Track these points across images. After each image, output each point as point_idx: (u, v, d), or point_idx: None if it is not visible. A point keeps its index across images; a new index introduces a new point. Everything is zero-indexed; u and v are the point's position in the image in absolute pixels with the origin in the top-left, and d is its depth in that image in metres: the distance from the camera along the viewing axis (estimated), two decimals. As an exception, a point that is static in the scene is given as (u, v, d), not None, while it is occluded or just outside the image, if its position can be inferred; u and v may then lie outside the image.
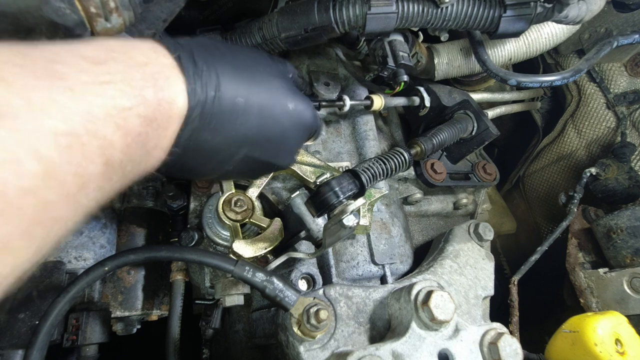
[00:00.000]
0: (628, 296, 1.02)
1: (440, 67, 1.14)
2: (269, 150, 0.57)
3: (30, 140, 0.28)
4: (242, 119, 0.50)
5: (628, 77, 1.33)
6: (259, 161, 0.57)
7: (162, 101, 0.41)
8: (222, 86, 0.48)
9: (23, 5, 0.46)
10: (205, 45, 0.51)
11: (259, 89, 0.52)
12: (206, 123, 0.47)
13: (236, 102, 0.49)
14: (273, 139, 0.56)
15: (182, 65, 0.45)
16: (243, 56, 0.55)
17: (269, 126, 0.54)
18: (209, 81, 0.46)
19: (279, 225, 0.83)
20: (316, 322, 0.66)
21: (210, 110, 0.47)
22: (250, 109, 0.51)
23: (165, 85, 0.42)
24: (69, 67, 0.33)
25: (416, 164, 1.06)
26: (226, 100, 0.48)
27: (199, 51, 0.48)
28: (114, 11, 0.52)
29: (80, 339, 0.85)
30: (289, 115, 0.56)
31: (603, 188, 1.24)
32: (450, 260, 0.93)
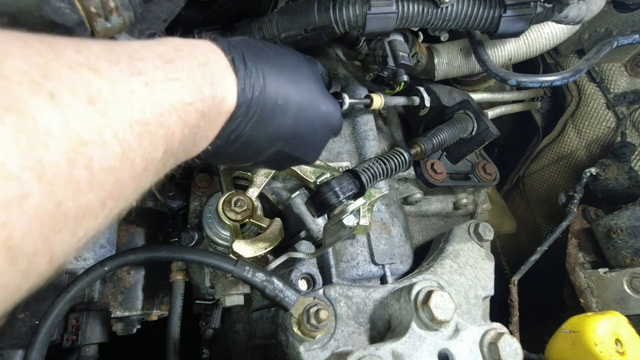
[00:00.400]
0: (628, 296, 1.02)
1: (440, 67, 1.14)
2: (299, 146, 0.62)
3: (115, 125, 0.31)
4: (280, 118, 0.55)
5: (628, 77, 1.33)
6: (289, 155, 0.62)
7: (215, 98, 0.45)
8: (267, 87, 0.52)
9: (23, 5, 0.46)
10: (253, 47, 0.55)
11: (297, 90, 0.57)
12: (249, 119, 0.51)
13: (277, 102, 0.54)
14: (304, 137, 0.61)
15: (235, 67, 0.49)
16: (284, 58, 0.59)
17: (302, 125, 0.59)
18: (256, 82, 0.51)
19: (279, 225, 0.83)
20: (316, 322, 0.66)
21: (254, 109, 0.51)
22: (288, 109, 0.55)
23: (219, 84, 0.46)
24: (146, 64, 0.38)
25: (416, 164, 1.06)
26: (269, 101, 0.52)
27: (248, 53, 0.52)
28: (114, 11, 0.52)
29: (80, 339, 0.85)
30: (320, 116, 0.61)
31: (603, 188, 1.24)
32: (450, 260, 0.93)
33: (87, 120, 0.29)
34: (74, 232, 0.30)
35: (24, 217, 0.25)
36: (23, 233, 0.25)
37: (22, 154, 0.25)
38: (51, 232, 0.28)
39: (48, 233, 0.27)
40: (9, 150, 0.24)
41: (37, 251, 0.27)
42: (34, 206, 0.25)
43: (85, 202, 0.29)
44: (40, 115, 0.26)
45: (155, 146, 0.36)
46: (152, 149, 0.36)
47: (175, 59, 0.42)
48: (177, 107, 0.39)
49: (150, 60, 0.38)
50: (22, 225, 0.25)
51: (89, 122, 0.29)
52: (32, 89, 0.26)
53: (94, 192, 0.30)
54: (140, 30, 0.63)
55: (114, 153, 0.31)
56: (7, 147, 0.24)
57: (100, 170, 0.30)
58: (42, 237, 0.27)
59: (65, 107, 0.28)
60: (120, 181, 0.33)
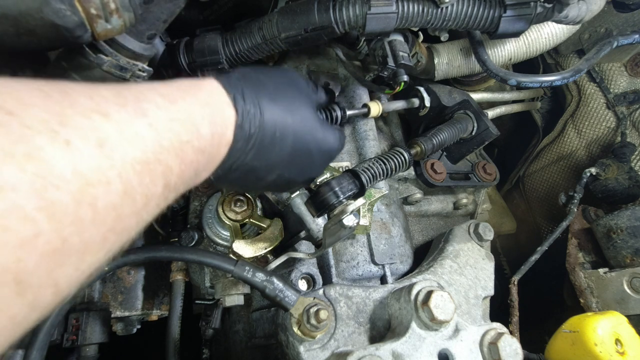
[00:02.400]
0: (628, 296, 1.02)
1: (440, 67, 1.14)
2: (298, 172, 0.66)
3: (119, 165, 0.34)
4: (278, 148, 0.59)
5: (628, 77, 1.33)
6: (290, 180, 0.67)
7: (214, 135, 0.49)
8: (265, 120, 0.56)
9: (24, 7, 0.46)
10: (252, 81, 0.59)
11: (294, 119, 0.60)
12: (248, 151, 0.55)
13: (275, 133, 0.57)
14: (302, 163, 0.65)
15: (235, 105, 0.53)
16: (282, 88, 0.63)
17: (299, 153, 0.63)
18: (253, 118, 0.54)
19: (279, 225, 0.83)
20: (316, 322, 0.66)
21: (252, 141, 0.55)
22: (286, 139, 0.59)
23: (219, 121, 0.50)
24: (151, 105, 0.41)
25: (416, 164, 1.06)
26: (267, 133, 0.56)
27: (247, 89, 0.56)
28: (114, 12, 0.52)
29: (80, 339, 0.85)
30: (316, 144, 0.65)
31: (603, 188, 1.24)
32: (450, 260, 0.93)
33: (95, 163, 0.32)
34: (77, 266, 0.32)
35: (34, 253, 0.27)
36: (32, 268, 0.27)
37: (37, 197, 0.27)
38: (56, 266, 0.30)
39: (53, 267, 0.29)
40: (27, 194, 0.27)
41: (42, 284, 0.29)
42: (44, 243, 0.28)
43: (88, 237, 0.32)
44: (56, 162, 0.29)
45: (155, 182, 0.39)
46: (152, 185, 0.38)
47: (178, 100, 0.45)
48: (175, 146, 0.41)
49: (154, 102, 0.41)
50: (31, 261, 0.27)
51: (97, 164, 0.32)
52: (51, 137, 0.30)
53: (96, 228, 0.32)
54: (140, 31, 0.63)
55: (117, 191, 0.34)
56: (25, 191, 0.27)
57: (104, 208, 0.32)
58: (47, 271, 0.29)
59: (77, 152, 0.31)
60: (122, 216, 0.35)
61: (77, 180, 0.30)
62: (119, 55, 0.63)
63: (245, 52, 0.87)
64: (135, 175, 0.36)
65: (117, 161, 0.34)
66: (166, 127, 0.41)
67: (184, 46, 0.87)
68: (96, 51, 0.61)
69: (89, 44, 0.58)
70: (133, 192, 0.36)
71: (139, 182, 0.36)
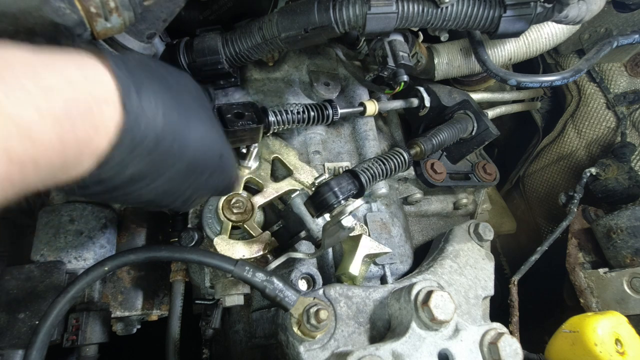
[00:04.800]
0: (628, 296, 1.02)
1: (440, 67, 1.14)
2: (184, 193, 0.55)
3: None
4: (171, 163, 0.49)
5: (628, 77, 1.33)
6: (168, 201, 0.55)
7: (77, 123, 0.39)
8: (164, 128, 0.45)
9: (23, 5, 0.46)
10: (153, 74, 0.48)
11: (197, 132, 0.51)
12: (133, 159, 0.44)
13: (172, 146, 0.47)
14: (194, 184, 0.54)
15: (123, 98, 0.42)
16: (186, 89, 0.53)
17: (196, 173, 0.53)
18: (150, 122, 0.44)
19: (266, 237, 0.83)
20: (316, 322, 0.66)
21: (142, 150, 0.44)
22: (184, 154, 0.49)
23: (96, 113, 0.40)
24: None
25: (416, 164, 1.06)
26: (163, 143, 0.46)
27: (147, 83, 0.45)
28: (114, 11, 0.52)
29: (80, 339, 0.85)
30: (219, 165, 0.56)
31: (603, 188, 1.24)
32: (450, 260, 0.93)
33: None
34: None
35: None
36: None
37: None
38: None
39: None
40: None
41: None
42: None
43: None
44: None
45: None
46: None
47: (36, 65, 0.36)
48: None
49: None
50: None
51: None
52: None
53: None
54: (140, 30, 0.63)
55: None
56: None
57: None
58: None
59: None
60: None
61: None
62: (118, 54, 0.63)
63: (245, 52, 0.87)
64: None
65: None
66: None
67: (184, 46, 0.87)
68: (96, 50, 0.60)
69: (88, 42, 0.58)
70: None
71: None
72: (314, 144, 1.01)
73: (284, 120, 0.87)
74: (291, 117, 0.88)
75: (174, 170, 0.50)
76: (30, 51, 0.38)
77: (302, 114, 0.89)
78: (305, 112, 0.90)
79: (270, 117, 0.85)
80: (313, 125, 0.94)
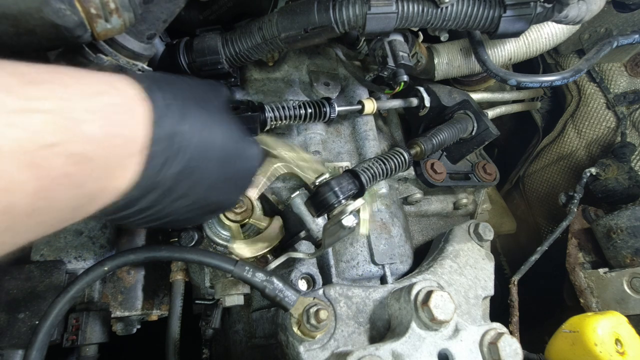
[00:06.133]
0: (628, 296, 1.02)
1: (440, 67, 1.14)
2: (216, 198, 0.56)
3: None
4: (203, 170, 0.49)
5: (628, 77, 1.33)
6: (200, 209, 0.56)
7: (108, 136, 0.37)
8: (193, 138, 0.46)
9: (24, 6, 0.46)
10: (175, 84, 0.48)
11: (223, 136, 0.51)
12: (167, 172, 0.44)
13: (205, 154, 0.48)
14: (225, 188, 0.56)
15: (154, 110, 0.41)
16: (207, 94, 0.53)
17: (226, 176, 0.54)
18: (180, 133, 0.44)
19: (278, 224, 0.83)
20: (316, 322, 0.66)
21: (176, 161, 0.44)
22: (213, 160, 0.50)
23: (122, 122, 0.38)
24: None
25: (416, 164, 1.06)
26: (194, 152, 0.46)
27: (170, 93, 0.45)
28: (114, 12, 0.52)
29: (80, 339, 0.85)
30: (243, 164, 0.57)
31: (603, 188, 1.24)
32: (450, 260, 0.93)
33: None
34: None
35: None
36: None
37: None
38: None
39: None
40: None
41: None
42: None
43: None
44: None
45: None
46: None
47: (45, 81, 0.31)
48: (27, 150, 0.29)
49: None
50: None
51: None
52: None
53: None
54: (140, 31, 0.63)
55: None
56: None
57: None
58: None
59: None
60: None
61: None
62: (118, 55, 0.63)
63: (245, 52, 0.87)
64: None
65: None
66: (9, 120, 0.28)
67: (183, 46, 0.87)
68: (96, 51, 0.60)
69: (89, 43, 0.58)
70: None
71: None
72: (314, 144, 1.01)
73: (281, 116, 0.87)
74: (287, 113, 0.88)
75: (208, 177, 0.51)
76: (73, 69, 0.36)
77: (298, 110, 0.89)
78: (302, 109, 0.90)
79: (267, 112, 0.85)
80: (311, 122, 0.94)
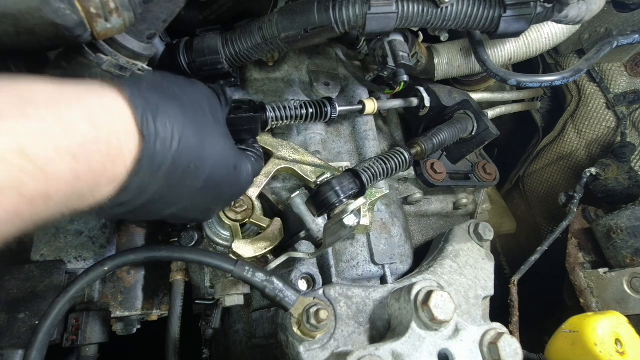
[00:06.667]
0: (628, 296, 1.02)
1: (440, 67, 1.14)
2: (202, 207, 0.58)
3: None
4: (189, 181, 0.50)
5: (628, 77, 1.33)
6: (187, 215, 0.58)
7: (102, 148, 0.40)
8: (180, 151, 0.47)
9: (23, 6, 0.46)
10: (166, 95, 0.49)
11: (211, 150, 0.52)
12: (153, 182, 0.46)
13: (189, 166, 0.49)
14: (210, 198, 0.57)
15: (141, 126, 0.43)
16: (199, 105, 0.54)
17: (211, 188, 0.55)
18: (166, 145, 0.46)
19: (279, 225, 0.83)
20: (316, 322, 0.66)
21: (162, 172, 0.46)
22: (200, 172, 0.51)
23: (111, 138, 0.41)
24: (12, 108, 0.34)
25: (416, 164, 1.06)
26: (180, 163, 0.48)
27: (161, 106, 0.46)
28: (114, 12, 0.52)
29: (80, 339, 0.85)
30: (231, 179, 0.58)
31: (603, 188, 1.24)
32: (450, 260, 0.93)
33: None
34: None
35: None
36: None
37: None
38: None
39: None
40: None
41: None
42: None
43: None
44: None
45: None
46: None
47: (60, 103, 0.37)
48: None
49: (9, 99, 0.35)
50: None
51: None
52: None
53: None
54: (140, 31, 0.63)
55: None
56: None
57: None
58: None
59: None
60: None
61: None
62: (118, 54, 0.63)
63: (245, 52, 0.87)
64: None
65: None
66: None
67: (183, 46, 0.87)
68: (96, 51, 0.60)
69: (89, 43, 0.58)
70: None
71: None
72: (314, 144, 1.01)
73: (282, 116, 0.87)
74: (289, 113, 0.88)
75: (193, 188, 0.52)
76: (52, 83, 0.39)
77: (300, 110, 0.89)
78: (303, 108, 0.90)
79: (268, 112, 0.85)
80: (312, 122, 0.94)
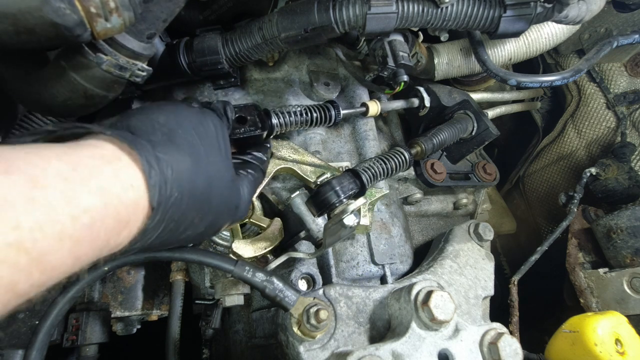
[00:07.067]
0: (628, 296, 1.02)
1: (440, 67, 1.14)
2: (203, 231, 0.57)
3: None
4: (190, 217, 0.51)
5: (628, 77, 1.33)
6: (194, 238, 0.58)
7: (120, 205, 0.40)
8: (182, 190, 0.48)
9: (23, 5, 0.46)
10: (165, 135, 0.49)
11: (209, 180, 0.53)
12: (159, 227, 0.47)
13: (189, 202, 0.50)
14: (209, 225, 0.57)
15: (148, 181, 0.43)
16: (196, 135, 0.54)
17: (210, 216, 0.56)
18: (168, 190, 0.46)
19: (279, 225, 0.83)
20: (316, 322, 0.66)
21: (168, 217, 0.47)
22: (199, 204, 0.52)
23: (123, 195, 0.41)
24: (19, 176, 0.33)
25: (416, 164, 1.06)
26: (182, 203, 0.48)
27: (160, 153, 0.46)
28: (114, 11, 0.52)
29: (80, 339, 0.85)
30: (228, 205, 0.59)
31: (603, 188, 1.24)
32: (450, 260, 0.93)
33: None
34: None
35: None
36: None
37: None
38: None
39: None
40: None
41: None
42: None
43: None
44: None
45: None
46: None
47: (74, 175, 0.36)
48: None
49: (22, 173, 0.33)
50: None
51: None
52: None
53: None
54: (140, 30, 0.63)
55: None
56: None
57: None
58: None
59: None
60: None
61: None
62: (118, 54, 0.63)
63: (245, 52, 0.87)
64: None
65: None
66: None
67: (183, 46, 0.87)
68: (95, 50, 0.60)
69: (89, 43, 0.58)
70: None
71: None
72: (314, 144, 1.01)
73: (288, 123, 0.87)
74: (294, 119, 0.87)
75: (193, 234, 0.54)
76: (66, 159, 0.37)
77: (305, 116, 0.89)
78: (308, 114, 0.90)
79: (273, 119, 0.85)
80: (316, 126, 0.94)
